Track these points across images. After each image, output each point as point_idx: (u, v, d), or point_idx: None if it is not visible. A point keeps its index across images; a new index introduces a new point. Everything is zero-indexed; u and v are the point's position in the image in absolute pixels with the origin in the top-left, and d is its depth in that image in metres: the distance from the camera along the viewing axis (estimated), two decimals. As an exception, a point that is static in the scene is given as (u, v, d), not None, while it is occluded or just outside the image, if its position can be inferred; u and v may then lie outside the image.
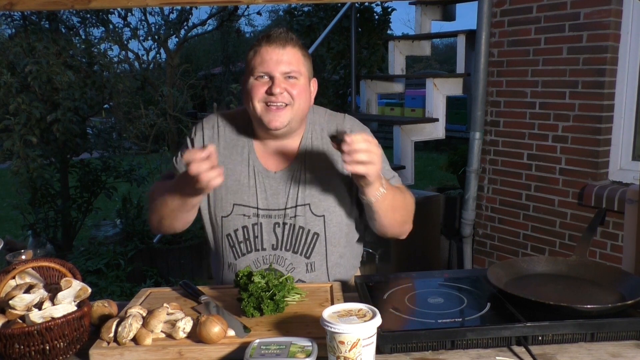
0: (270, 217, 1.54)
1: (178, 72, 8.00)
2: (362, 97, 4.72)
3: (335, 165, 1.55)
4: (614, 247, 2.99)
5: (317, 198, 1.53)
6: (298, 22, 6.13)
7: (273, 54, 1.45)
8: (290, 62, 1.46)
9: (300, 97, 1.48)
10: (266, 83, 1.46)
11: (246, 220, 1.54)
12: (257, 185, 1.54)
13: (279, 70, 1.45)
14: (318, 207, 1.53)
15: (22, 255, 1.42)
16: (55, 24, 5.53)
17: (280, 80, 1.45)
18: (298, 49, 1.49)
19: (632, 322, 1.16)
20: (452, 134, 8.25)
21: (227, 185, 1.54)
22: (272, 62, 1.45)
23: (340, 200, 1.55)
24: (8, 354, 1.10)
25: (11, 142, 4.27)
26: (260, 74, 1.46)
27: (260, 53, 1.47)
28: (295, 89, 1.46)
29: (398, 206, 1.49)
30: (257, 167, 1.55)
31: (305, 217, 1.53)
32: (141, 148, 6.11)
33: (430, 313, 1.23)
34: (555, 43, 3.20)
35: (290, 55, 1.46)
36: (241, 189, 1.54)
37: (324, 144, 1.56)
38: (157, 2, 1.34)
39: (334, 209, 1.55)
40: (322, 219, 1.54)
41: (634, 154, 3.08)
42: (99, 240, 5.04)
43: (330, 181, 1.54)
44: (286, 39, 1.47)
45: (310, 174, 1.54)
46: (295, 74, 1.47)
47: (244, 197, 1.54)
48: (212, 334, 1.13)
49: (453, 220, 4.14)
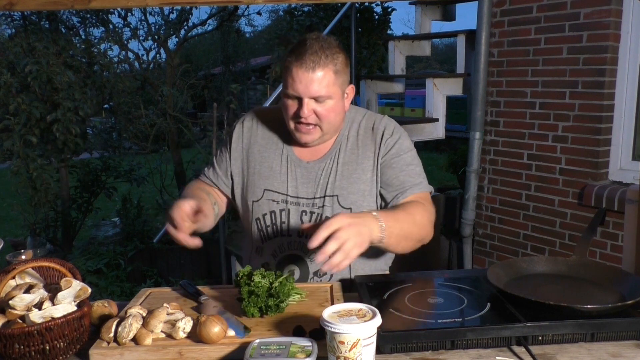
0: (298, 204, 1.57)
1: (178, 72, 7.99)
2: (362, 97, 4.72)
3: (365, 161, 1.58)
4: (614, 247, 2.99)
5: (345, 190, 1.56)
6: (298, 22, 6.13)
7: (303, 77, 1.43)
8: (319, 87, 1.44)
9: (329, 117, 1.50)
10: (296, 104, 1.48)
11: (275, 205, 1.58)
12: (289, 173, 1.59)
13: (308, 95, 1.45)
14: (346, 199, 1.56)
15: (22, 255, 1.42)
16: (55, 24, 5.53)
17: (309, 103, 1.46)
18: (330, 69, 1.45)
19: (632, 322, 1.15)
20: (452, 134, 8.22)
21: (260, 172, 1.60)
22: (301, 85, 1.44)
23: (367, 195, 1.57)
24: (8, 354, 1.10)
25: (11, 142, 4.28)
26: (291, 94, 1.48)
27: (291, 72, 1.45)
28: (323, 110, 1.48)
29: (407, 234, 1.44)
30: (290, 156, 1.60)
31: (332, 207, 1.56)
32: (141, 148, 6.12)
33: (430, 313, 1.23)
34: (555, 43, 3.20)
35: (319, 78, 1.44)
36: (272, 176, 1.59)
37: (359, 140, 1.59)
38: (157, 2, 1.34)
39: (362, 203, 1.57)
40: (349, 211, 1.55)
41: (634, 154, 3.08)
42: (99, 240, 5.04)
43: (360, 176, 1.57)
44: (317, 61, 1.43)
45: (342, 167, 1.57)
46: (324, 98, 1.47)
47: (275, 184, 1.59)
48: (212, 334, 1.13)
49: (453, 220, 4.14)
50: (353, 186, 1.56)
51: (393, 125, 1.61)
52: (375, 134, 1.59)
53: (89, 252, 4.74)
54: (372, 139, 1.59)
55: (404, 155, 1.58)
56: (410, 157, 1.60)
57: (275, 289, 1.25)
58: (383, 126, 1.60)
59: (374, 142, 1.58)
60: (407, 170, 1.57)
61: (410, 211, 1.47)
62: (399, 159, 1.57)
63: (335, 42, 1.51)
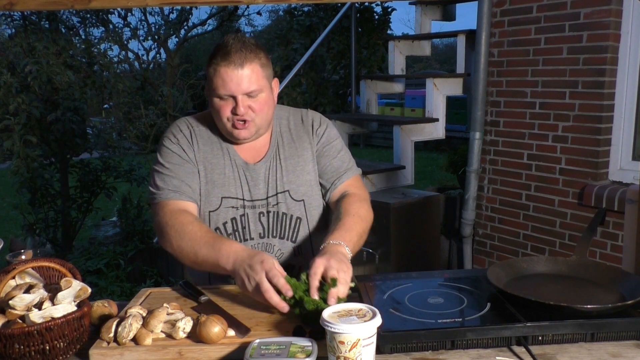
0: (254, 207, 1.60)
1: (178, 72, 8.00)
2: (362, 97, 4.72)
3: (304, 153, 1.64)
4: (614, 247, 2.99)
5: (294, 184, 1.61)
6: (298, 22, 6.13)
7: (233, 76, 1.46)
8: (250, 82, 1.48)
9: (263, 110, 1.53)
10: (230, 103, 1.50)
11: (234, 212, 1.59)
12: (240, 178, 1.60)
13: (241, 91, 1.48)
14: (297, 192, 1.61)
15: (22, 255, 1.42)
16: (55, 24, 5.53)
17: (243, 100, 1.49)
18: (256, 63, 1.49)
19: (632, 322, 1.15)
20: (452, 134, 8.24)
21: (213, 180, 1.57)
22: (232, 83, 1.47)
23: (314, 184, 1.65)
24: (8, 354, 1.10)
25: (11, 142, 4.28)
26: (223, 95, 1.49)
27: (220, 74, 1.47)
28: (257, 104, 1.52)
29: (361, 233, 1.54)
30: (237, 160, 1.60)
31: (286, 203, 1.60)
32: (141, 148, 6.11)
33: (430, 313, 1.23)
34: (555, 43, 3.19)
35: (249, 74, 1.47)
36: (227, 182, 1.59)
37: (293, 134, 1.65)
38: (157, 2, 1.34)
39: (312, 193, 1.64)
40: (302, 203, 1.61)
41: (634, 154, 3.08)
42: (99, 240, 5.04)
43: (303, 167, 1.63)
44: (243, 57, 1.46)
45: (285, 162, 1.62)
46: (256, 92, 1.50)
47: (231, 190, 1.59)
48: (212, 334, 1.13)
49: (453, 220, 4.14)
50: (300, 178, 1.62)
51: (319, 116, 1.71)
52: (306, 125, 1.66)
53: (89, 252, 4.74)
54: (304, 130, 1.66)
55: (334, 142, 1.67)
56: (339, 143, 1.69)
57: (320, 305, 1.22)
58: (311, 117, 1.68)
59: (307, 133, 1.65)
60: (338, 156, 1.66)
61: (354, 211, 1.55)
62: (330, 147, 1.66)
63: (253, 39, 1.57)
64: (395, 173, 3.98)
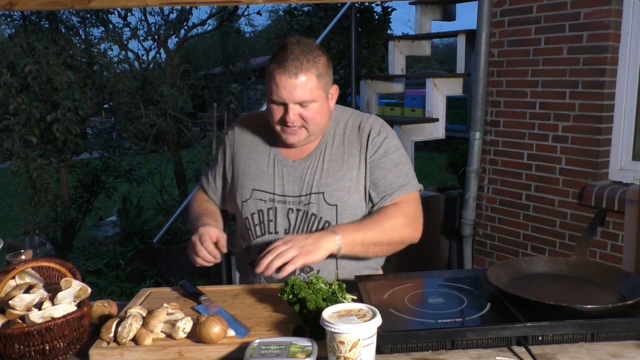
0: (285, 202, 1.60)
1: (178, 72, 7.99)
2: (362, 97, 4.72)
3: (351, 159, 1.59)
4: (614, 247, 2.99)
5: (331, 187, 1.57)
6: (298, 22, 6.13)
7: (286, 84, 1.46)
8: (303, 92, 1.47)
9: (315, 119, 1.52)
10: (281, 109, 1.51)
11: (262, 204, 1.61)
12: (276, 173, 1.61)
13: (292, 100, 1.48)
14: (332, 196, 1.57)
15: (22, 255, 1.42)
16: (55, 24, 5.53)
17: (294, 108, 1.49)
18: (312, 73, 1.47)
19: (632, 322, 1.15)
20: (452, 134, 8.22)
21: (249, 173, 1.64)
22: (285, 91, 1.47)
23: (353, 192, 1.58)
24: (8, 354, 1.10)
25: (11, 142, 4.28)
26: (275, 100, 1.50)
27: (274, 79, 1.47)
28: (309, 113, 1.51)
29: (375, 241, 1.50)
30: (277, 156, 1.63)
31: (318, 204, 1.57)
32: (141, 148, 6.11)
33: (430, 313, 1.23)
34: (555, 43, 3.19)
35: (303, 84, 1.46)
36: (260, 176, 1.62)
37: (345, 138, 1.61)
38: (157, 2, 1.34)
39: (347, 200, 1.58)
40: (334, 208, 1.57)
41: (634, 154, 3.08)
42: (99, 240, 5.04)
43: (345, 173, 1.58)
44: (298, 67, 1.45)
45: (327, 164, 1.59)
46: (309, 102, 1.49)
47: (262, 183, 1.62)
48: (212, 334, 1.13)
49: (453, 220, 4.14)
50: (338, 183, 1.58)
51: (380, 123, 1.63)
52: (362, 132, 1.61)
53: (89, 252, 4.74)
54: (358, 137, 1.60)
55: (392, 155, 1.60)
56: (397, 156, 1.61)
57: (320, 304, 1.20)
58: (370, 125, 1.61)
59: (360, 140, 1.60)
60: (394, 170, 1.59)
61: (380, 219, 1.51)
62: (387, 159, 1.59)
63: (315, 44, 1.53)
64: (395, 173, 3.97)
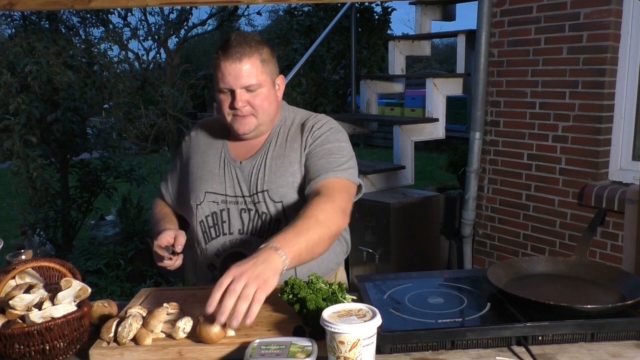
0: (237, 203, 1.61)
1: (178, 72, 7.99)
2: (362, 97, 4.72)
3: (292, 153, 1.60)
4: (614, 247, 2.99)
5: (274, 184, 1.57)
6: (298, 22, 6.13)
7: (231, 69, 1.48)
8: (248, 76, 1.49)
9: (263, 105, 1.54)
10: (229, 97, 1.53)
11: (215, 206, 1.63)
12: (226, 174, 1.63)
13: (239, 85, 1.50)
14: (276, 193, 1.58)
15: (22, 255, 1.42)
16: (55, 24, 5.52)
17: (241, 94, 1.51)
18: (256, 58, 1.50)
19: (632, 322, 1.16)
20: (452, 134, 8.25)
21: (201, 176, 1.65)
22: (230, 77, 1.49)
23: (298, 188, 1.58)
24: (8, 354, 1.10)
25: (11, 142, 4.27)
26: (223, 89, 1.52)
27: (220, 67, 1.50)
28: (257, 99, 1.53)
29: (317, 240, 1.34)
30: (227, 158, 1.64)
31: (265, 203, 1.58)
32: (141, 148, 6.11)
33: (430, 313, 1.23)
34: (555, 43, 3.19)
35: (247, 68, 1.49)
36: (212, 178, 1.64)
37: (289, 135, 1.63)
38: (157, 2, 1.34)
39: (292, 195, 1.57)
40: (280, 204, 1.57)
41: (634, 154, 3.08)
42: (99, 240, 5.04)
43: (287, 168, 1.58)
44: (242, 52, 1.48)
45: (270, 162, 1.60)
46: (255, 86, 1.51)
47: (214, 186, 1.63)
48: (212, 334, 1.13)
49: (453, 220, 4.14)
50: (280, 179, 1.57)
51: (326, 120, 1.63)
52: (304, 127, 1.61)
53: (89, 252, 4.74)
54: (300, 132, 1.61)
55: (329, 145, 1.56)
56: (336, 148, 1.56)
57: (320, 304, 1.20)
58: (315, 121, 1.62)
59: (302, 134, 1.61)
60: (327, 158, 1.53)
61: (310, 214, 1.36)
62: (322, 149, 1.55)
63: (258, 37, 1.57)
64: (395, 173, 3.98)
